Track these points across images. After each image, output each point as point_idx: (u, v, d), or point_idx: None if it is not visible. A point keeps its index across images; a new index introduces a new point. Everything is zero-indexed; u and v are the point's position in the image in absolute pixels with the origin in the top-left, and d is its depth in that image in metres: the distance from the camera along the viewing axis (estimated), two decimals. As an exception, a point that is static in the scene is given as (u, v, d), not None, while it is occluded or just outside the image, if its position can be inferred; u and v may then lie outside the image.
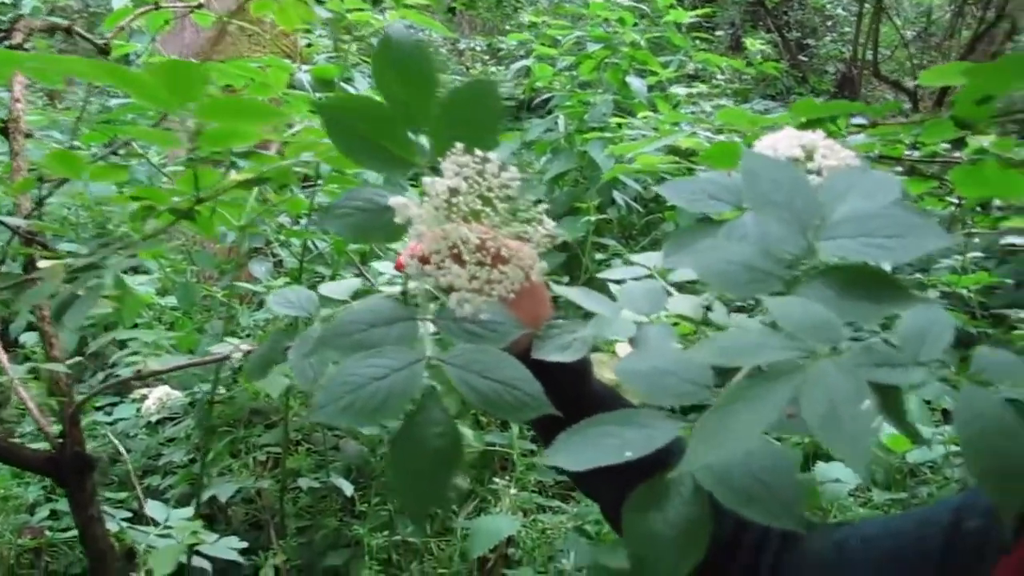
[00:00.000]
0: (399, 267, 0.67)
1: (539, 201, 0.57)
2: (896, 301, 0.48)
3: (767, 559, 0.73)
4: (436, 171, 0.56)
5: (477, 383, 0.54)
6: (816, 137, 0.62)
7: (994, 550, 0.61)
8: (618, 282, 0.77)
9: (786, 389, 0.41)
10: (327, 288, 0.83)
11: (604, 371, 0.78)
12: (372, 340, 0.57)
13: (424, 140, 0.59)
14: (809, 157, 0.62)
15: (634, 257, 0.82)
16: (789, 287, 0.51)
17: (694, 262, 0.54)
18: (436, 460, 0.53)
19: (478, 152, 0.55)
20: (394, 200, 0.56)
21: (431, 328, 0.60)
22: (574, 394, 0.69)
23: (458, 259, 0.56)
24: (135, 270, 2.47)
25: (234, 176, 0.90)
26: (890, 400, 0.44)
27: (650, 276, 0.77)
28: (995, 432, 0.43)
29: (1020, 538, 0.58)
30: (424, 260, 0.56)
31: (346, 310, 0.62)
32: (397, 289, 0.67)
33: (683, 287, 0.79)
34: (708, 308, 0.83)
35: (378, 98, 0.59)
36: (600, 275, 0.87)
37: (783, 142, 0.63)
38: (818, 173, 0.61)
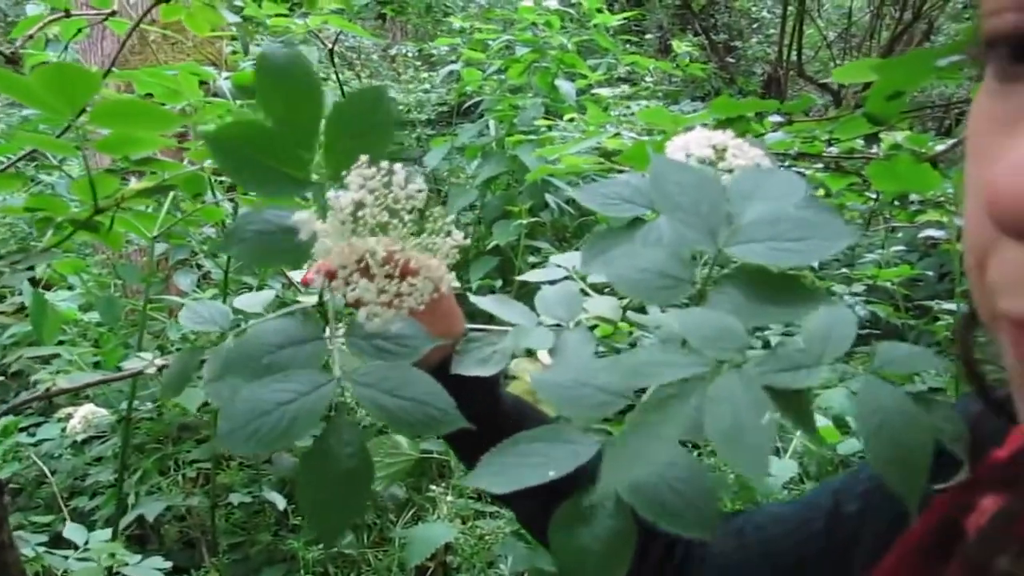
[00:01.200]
0: (305, 283, 0.65)
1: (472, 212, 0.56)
2: (802, 302, 0.48)
3: (674, 560, 0.74)
4: (334, 187, 0.54)
5: (385, 401, 0.52)
6: (726, 137, 0.62)
7: (870, 533, 0.62)
8: (549, 283, 0.76)
9: (689, 407, 0.41)
10: (242, 301, 0.81)
11: (525, 379, 0.77)
12: (281, 362, 0.55)
13: (319, 156, 0.57)
14: (721, 156, 0.62)
15: (554, 258, 0.81)
16: (701, 293, 0.51)
17: (607, 271, 0.53)
18: (348, 481, 0.50)
19: (384, 164, 0.53)
20: (297, 216, 0.54)
21: (344, 346, 0.58)
22: (486, 408, 0.69)
23: (366, 273, 0.54)
24: (36, 283, 2.39)
25: (135, 184, 0.86)
26: (794, 403, 0.44)
27: (568, 278, 0.76)
28: (895, 423, 0.43)
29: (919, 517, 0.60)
30: (331, 275, 0.55)
31: (253, 330, 0.59)
32: (314, 299, 0.65)
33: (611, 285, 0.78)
34: (642, 309, 0.83)
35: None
36: (521, 277, 0.86)
37: (694, 142, 0.63)
38: (730, 172, 0.61)
